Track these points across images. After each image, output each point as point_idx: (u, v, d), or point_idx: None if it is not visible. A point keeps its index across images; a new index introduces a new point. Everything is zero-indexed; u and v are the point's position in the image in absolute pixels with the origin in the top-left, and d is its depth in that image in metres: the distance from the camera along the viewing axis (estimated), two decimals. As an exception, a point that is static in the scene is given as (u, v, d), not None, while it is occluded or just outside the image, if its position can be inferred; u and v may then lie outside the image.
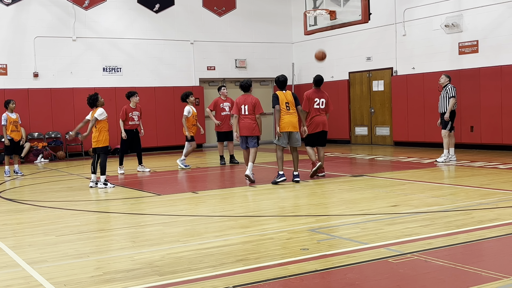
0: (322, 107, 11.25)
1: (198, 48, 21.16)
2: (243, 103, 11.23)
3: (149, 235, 6.76)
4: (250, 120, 11.19)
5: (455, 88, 13.28)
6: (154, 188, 10.92)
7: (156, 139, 19.96)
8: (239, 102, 11.29)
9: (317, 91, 11.28)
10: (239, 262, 5.36)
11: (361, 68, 19.96)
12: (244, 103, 11.22)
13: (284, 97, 10.62)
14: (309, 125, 11.21)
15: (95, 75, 19.40)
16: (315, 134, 11.27)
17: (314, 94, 11.23)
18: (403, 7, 18.11)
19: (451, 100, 13.03)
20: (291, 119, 10.59)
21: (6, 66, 18.11)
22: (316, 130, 11.23)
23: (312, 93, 11.24)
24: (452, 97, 13.06)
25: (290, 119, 10.57)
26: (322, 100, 11.24)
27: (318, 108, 11.21)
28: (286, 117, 10.56)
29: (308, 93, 11.26)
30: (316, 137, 11.31)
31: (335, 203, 8.68)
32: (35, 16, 18.50)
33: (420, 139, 17.78)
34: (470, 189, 9.27)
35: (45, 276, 5.12)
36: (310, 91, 11.29)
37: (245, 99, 11.28)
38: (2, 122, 13.70)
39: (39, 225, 7.61)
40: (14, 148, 13.86)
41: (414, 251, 5.46)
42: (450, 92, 13.08)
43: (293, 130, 10.62)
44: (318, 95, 11.24)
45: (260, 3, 22.25)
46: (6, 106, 13.91)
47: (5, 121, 13.69)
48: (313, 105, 11.18)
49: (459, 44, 16.51)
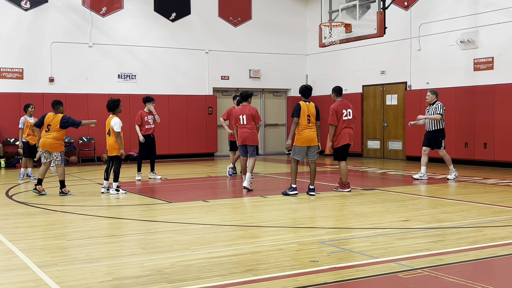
0: (350, 118, 10.95)
1: (212, 58, 21.26)
2: (241, 113, 11.40)
3: (159, 242, 6.78)
4: (249, 130, 11.35)
5: (444, 107, 12.92)
6: (165, 196, 10.95)
7: (168, 147, 20.03)
8: (237, 112, 11.47)
9: (341, 103, 10.96)
10: (248, 272, 5.36)
11: (375, 81, 19.94)
12: (242, 113, 11.39)
13: (307, 109, 10.41)
14: (338, 138, 10.88)
15: (110, 81, 19.54)
16: (343, 146, 10.96)
17: (340, 106, 10.90)
18: (418, 22, 18.10)
19: (437, 115, 12.68)
20: (311, 133, 10.41)
21: (23, 70, 18.28)
22: (345, 142, 10.90)
23: (338, 106, 10.89)
24: (439, 114, 12.72)
25: (309, 133, 10.39)
26: (349, 110, 10.93)
27: (347, 119, 10.90)
28: (306, 131, 10.36)
29: (334, 107, 10.89)
30: (345, 150, 11.02)
31: (346, 216, 8.66)
32: (52, 22, 18.69)
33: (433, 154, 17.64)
34: (482, 206, 9.21)
35: (55, 279, 5.15)
36: (336, 104, 10.92)
37: (243, 109, 11.44)
38: (20, 125, 13.87)
39: (51, 229, 7.65)
40: (29, 152, 13.99)
41: (424, 267, 5.43)
42: (439, 110, 12.75)
43: (313, 145, 10.49)
44: (344, 106, 10.93)
45: (276, 15, 22.33)
46: (25, 110, 14.15)
47: (23, 125, 13.88)
48: (342, 117, 10.87)
49: (474, 60, 16.45)
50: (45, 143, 10.90)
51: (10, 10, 18.09)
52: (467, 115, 16.54)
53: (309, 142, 10.42)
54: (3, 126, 17.61)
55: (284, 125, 23.05)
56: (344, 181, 11.00)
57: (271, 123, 22.86)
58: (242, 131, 11.38)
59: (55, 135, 10.91)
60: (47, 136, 10.91)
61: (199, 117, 20.72)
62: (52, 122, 10.94)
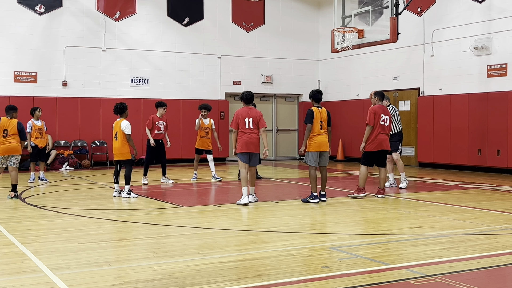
0: (387, 125, 10.85)
1: (225, 63, 21.30)
2: (247, 116, 10.11)
3: (170, 246, 6.79)
4: (256, 135, 10.16)
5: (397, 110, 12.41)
6: (177, 200, 10.97)
7: (180, 151, 20.06)
8: (242, 115, 10.12)
9: (382, 107, 10.89)
10: (259, 277, 5.35)
11: (387, 87, 19.87)
12: (248, 116, 10.10)
13: (319, 115, 10.33)
14: (372, 142, 10.76)
15: (123, 86, 19.63)
16: (376, 152, 10.82)
17: (380, 109, 10.82)
18: (432, 28, 18.04)
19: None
20: (323, 139, 10.35)
21: (36, 74, 18.42)
22: (378, 149, 10.78)
23: (378, 108, 10.81)
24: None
25: (322, 139, 10.33)
26: (386, 117, 10.85)
27: (383, 125, 10.79)
28: (318, 137, 10.31)
29: (374, 108, 10.80)
30: (377, 156, 10.88)
31: (357, 222, 8.62)
32: (66, 26, 18.83)
33: (445, 161, 17.60)
34: (495, 213, 9.14)
35: (67, 282, 5.17)
36: (376, 107, 10.83)
37: (249, 111, 10.17)
38: (27, 129, 13.93)
39: (62, 232, 7.69)
40: (38, 155, 14.08)
41: (436, 274, 5.39)
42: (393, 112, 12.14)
43: (324, 150, 10.43)
44: (383, 111, 10.85)
45: (288, 20, 22.35)
46: (32, 113, 14.21)
47: (30, 128, 13.97)
48: (379, 120, 10.73)
49: (488, 67, 16.36)
50: (10, 148, 10.93)
51: (24, 15, 18.25)
52: (480, 122, 16.45)
53: (321, 148, 10.37)
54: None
55: (295, 130, 23.03)
56: (361, 186, 10.92)
57: (283, 128, 22.84)
58: (249, 137, 10.07)
59: (17, 139, 11.00)
60: (10, 141, 10.94)
61: (211, 121, 20.74)
62: (9, 127, 11.01)
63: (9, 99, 17.60)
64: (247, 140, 10.07)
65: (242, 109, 10.26)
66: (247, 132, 10.09)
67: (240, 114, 10.13)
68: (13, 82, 18.09)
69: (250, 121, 10.08)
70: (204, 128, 14.22)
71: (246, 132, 10.09)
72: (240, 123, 10.12)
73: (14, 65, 18.13)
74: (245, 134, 10.09)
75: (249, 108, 10.24)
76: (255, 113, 10.16)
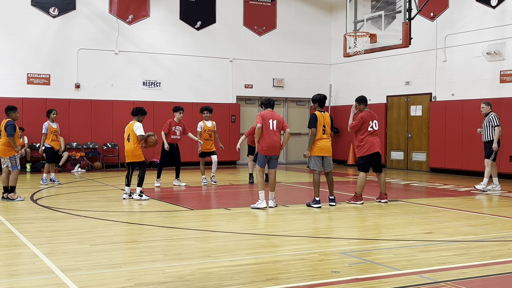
0: (376, 128, 10.87)
1: (236, 66, 21.34)
2: (271, 117, 10.33)
3: (181, 249, 6.80)
4: (278, 139, 10.33)
5: (498, 116, 13.14)
6: (188, 203, 10.99)
7: (192, 154, 20.08)
8: (267, 116, 10.33)
9: (370, 113, 10.86)
10: (269, 281, 5.35)
11: (399, 92, 19.83)
12: (272, 118, 10.33)
13: (323, 119, 10.35)
14: (363, 146, 10.77)
15: (135, 88, 19.72)
16: (370, 155, 10.79)
17: (369, 116, 10.80)
18: (444, 33, 17.97)
19: (496, 129, 12.85)
20: (326, 143, 10.36)
21: (50, 76, 18.54)
22: (371, 151, 10.76)
23: (367, 116, 10.79)
24: (496, 125, 12.89)
25: (325, 143, 10.34)
26: (375, 121, 10.86)
27: (372, 130, 10.81)
28: (321, 142, 10.31)
29: (363, 115, 10.79)
30: (371, 160, 10.85)
31: (368, 227, 8.60)
32: (79, 29, 18.95)
33: (457, 166, 17.51)
34: (507, 220, 9.08)
35: (78, 284, 5.20)
36: (364, 114, 10.80)
37: (272, 114, 10.41)
38: (43, 131, 14.01)
39: (74, 234, 7.73)
40: (52, 157, 14.15)
41: (447, 280, 5.37)
42: (493, 121, 12.93)
43: (327, 155, 10.42)
44: (372, 117, 10.84)
45: (300, 24, 22.36)
46: (48, 115, 14.28)
47: (46, 130, 14.01)
48: (367, 127, 10.74)
49: (501, 72, 16.27)
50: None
51: (38, 17, 18.39)
52: (493, 128, 16.32)
53: (324, 152, 10.37)
54: (30, 131, 17.84)
55: (306, 134, 23.00)
56: (358, 193, 10.88)
57: (294, 132, 22.77)
58: (273, 141, 10.22)
59: (4, 141, 10.77)
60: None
61: (222, 125, 20.76)
62: (2, 127, 10.88)
63: (22, 101, 17.76)
64: (272, 144, 10.24)
65: (266, 111, 10.48)
66: (272, 133, 10.27)
67: (265, 115, 10.34)
68: (26, 84, 18.22)
69: (274, 123, 10.31)
70: (208, 131, 14.21)
71: (271, 133, 10.26)
72: (264, 122, 10.29)
73: (28, 67, 18.26)
74: (269, 136, 10.25)
75: (272, 112, 10.48)
76: (278, 117, 10.47)
